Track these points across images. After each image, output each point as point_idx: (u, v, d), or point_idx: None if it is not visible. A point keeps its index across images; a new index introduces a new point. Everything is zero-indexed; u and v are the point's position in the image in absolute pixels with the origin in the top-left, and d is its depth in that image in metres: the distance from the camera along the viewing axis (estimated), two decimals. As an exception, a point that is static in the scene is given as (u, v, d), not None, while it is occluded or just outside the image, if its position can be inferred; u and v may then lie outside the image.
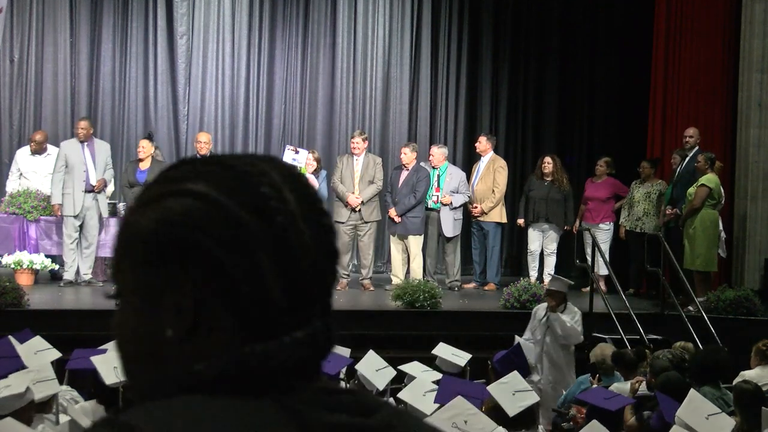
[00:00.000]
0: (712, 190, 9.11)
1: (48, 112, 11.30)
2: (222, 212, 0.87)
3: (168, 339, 0.89)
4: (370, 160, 10.09)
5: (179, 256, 0.88)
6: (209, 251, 0.87)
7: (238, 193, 0.88)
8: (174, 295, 0.88)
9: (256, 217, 0.88)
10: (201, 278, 0.88)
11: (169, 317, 0.89)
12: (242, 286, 0.88)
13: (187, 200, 0.88)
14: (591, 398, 5.39)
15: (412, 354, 6.81)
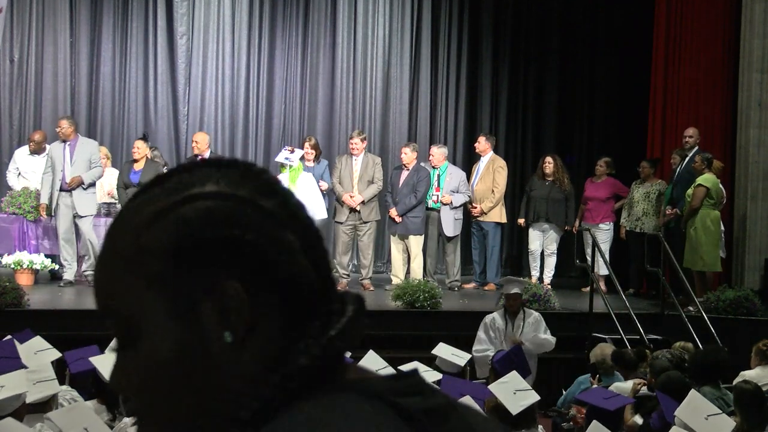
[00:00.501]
0: (710, 190, 9.10)
1: (48, 112, 11.30)
2: (240, 203, 0.87)
3: (222, 347, 0.85)
4: (369, 160, 10.08)
5: (212, 258, 0.85)
6: (243, 241, 0.85)
7: (246, 184, 0.88)
8: (215, 299, 0.85)
9: (273, 200, 0.88)
10: (242, 272, 0.85)
11: (217, 323, 0.85)
12: (282, 268, 0.87)
13: (201, 203, 0.86)
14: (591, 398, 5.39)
15: (412, 354, 6.81)
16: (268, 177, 0.91)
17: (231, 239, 0.85)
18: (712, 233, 9.17)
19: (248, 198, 0.87)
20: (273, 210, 0.88)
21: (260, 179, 0.90)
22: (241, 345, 0.85)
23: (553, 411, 6.75)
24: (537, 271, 10.35)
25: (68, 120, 9.61)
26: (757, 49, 9.97)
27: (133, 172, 9.44)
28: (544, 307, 8.74)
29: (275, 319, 0.86)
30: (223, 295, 0.85)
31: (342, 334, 0.87)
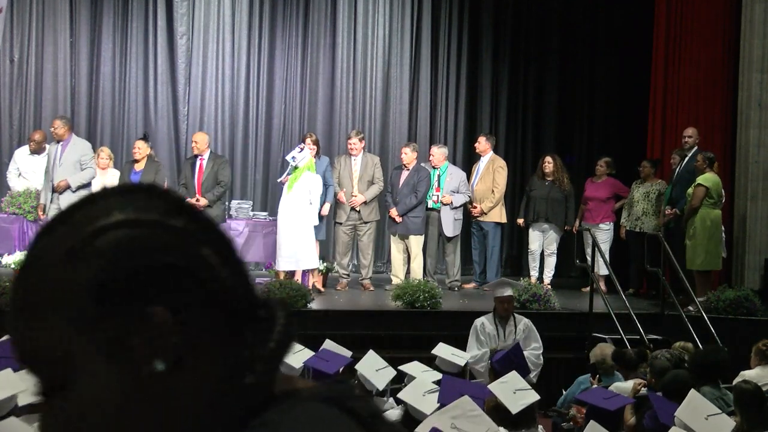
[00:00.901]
0: (710, 190, 9.10)
1: (48, 112, 11.30)
2: (151, 227, 0.84)
3: (161, 378, 0.82)
4: (368, 159, 10.08)
5: (134, 288, 0.82)
6: (161, 265, 0.83)
7: (152, 207, 0.86)
8: (143, 329, 0.82)
9: (182, 218, 0.86)
10: (166, 296, 0.83)
11: (149, 354, 0.82)
12: (205, 285, 0.85)
13: (111, 234, 0.83)
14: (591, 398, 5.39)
15: (412, 354, 6.81)
16: (173, 196, 0.89)
17: (149, 266, 0.83)
18: (712, 233, 9.17)
19: (158, 221, 0.85)
20: (184, 228, 0.86)
21: (165, 200, 0.87)
22: (179, 371, 0.83)
23: (553, 411, 6.75)
24: (537, 271, 10.35)
25: (62, 120, 9.53)
26: (757, 49, 9.97)
27: (134, 173, 9.43)
28: (544, 307, 8.75)
29: (209, 337, 0.85)
30: (150, 324, 0.82)
31: (281, 344, 0.87)
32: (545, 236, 10.40)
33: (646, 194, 10.20)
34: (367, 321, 8.46)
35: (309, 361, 5.63)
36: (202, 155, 9.58)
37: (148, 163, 9.46)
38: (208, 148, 9.70)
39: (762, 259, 9.86)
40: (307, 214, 9.18)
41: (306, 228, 9.16)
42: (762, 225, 9.93)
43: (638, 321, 8.17)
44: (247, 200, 11.02)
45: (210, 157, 9.59)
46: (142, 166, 9.43)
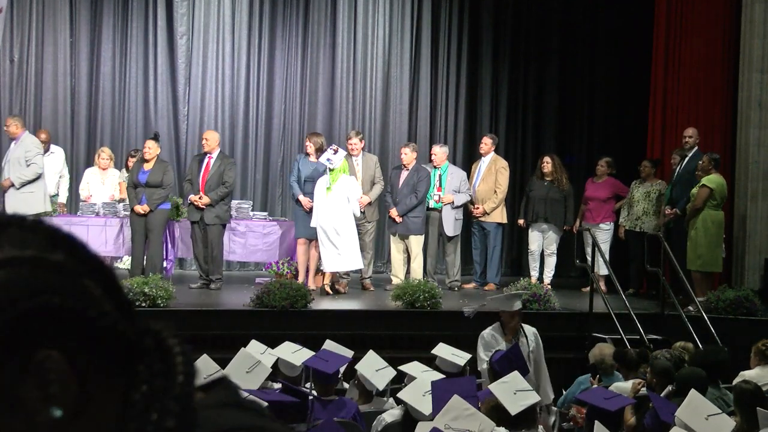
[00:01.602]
0: (713, 191, 9.10)
1: (48, 112, 11.30)
2: (32, 265, 0.78)
3: (55, 425, 0.77)
4: (368, 159, 10.08)
5: (20, 333, 0.76)
6: (47, 306, 0.77)
7: (27, 242, 0.79)
8: (33, 376, 0.76)
9: (59, 252, 0.80)
10: (55, 338, 0.77)
11: (42, 402, 0.76)
12: (94, 322, 0.79)
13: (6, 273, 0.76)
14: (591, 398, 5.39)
15: (412, 354, 6.81)
16: (46, 228, 0.82)
17: (36, 307, 0.76)
18: (713, 234, 9.17)
19: (37, 257, 0.78)
20: (65, 262, 0.79)
21: (40, 233, 0.81)
22: (75, 416, 0.78)
23: (553, 411, 6.74)
24: (537, 271, 10.35)
25: (13, 118, 9.53)
26: (757, 49, 9.97)
27: (142, 172, 9.41)
28: (545, 307, 8.75)
29: (103, 375, 0.80)
30: (41, 369, 0.76)
31: (188, 377, 0.83)
32: (545, 236, 10.40)
33: (647, 194, 10.20)
34: (367, 321, 8.46)
35: (309, 361, 5.63)
36: (210, 153, 9.57)
37: (157, 163, 9.46)
38: (218, 146, 9.68)
39: (762, 259, 9.86)
40: (348, 216, 9.29)
41: (350, 229, 9.27)
42: (762, 225, 9.93)
43: (638, 321, 8.17)
44: (247, 200, 11.02)
45: (218, 156, 9.59)
46: (150, 166, 9.43)
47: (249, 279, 10.28)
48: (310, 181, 9.63)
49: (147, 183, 9.27)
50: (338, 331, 7.60)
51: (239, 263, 11.33)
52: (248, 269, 11.33)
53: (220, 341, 7.55)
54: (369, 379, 5.63)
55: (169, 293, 8.17)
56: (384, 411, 5.29)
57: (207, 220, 9.31)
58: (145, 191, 9.26)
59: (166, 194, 9.36)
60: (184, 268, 10.87)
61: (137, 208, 9.24)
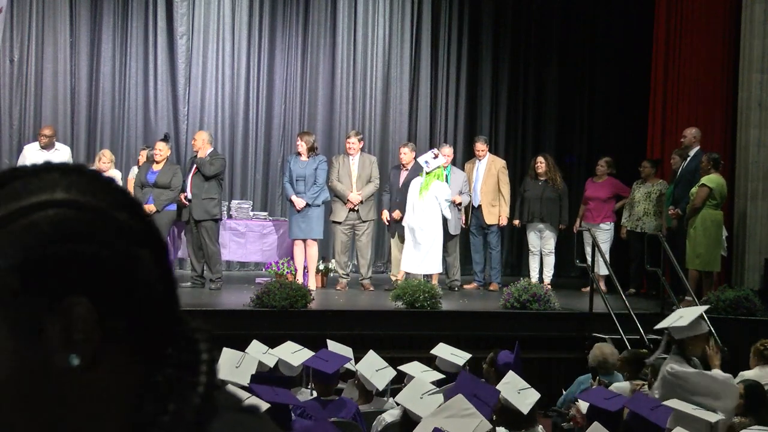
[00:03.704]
0: (713, 190, 9.10)
1: (48, 112, 11.30)
2: (95, 214, 0.79)
3: (67, 370, 0.77)
4: (365, 159, 10.09)
5: (63, 273, 0.77)
6: (97, 257, 0.78)
7: (97, 192, 0.80)
8: (62, 318, 0.77)
9: (125, 212, 0.81)
10: (93, 290, 0.78)
11: (62, 344, 0.77)
12: (136, 288, 0.80)
13: (52, 212, 0.78)
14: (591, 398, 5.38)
15: (412, 354, 6.81)
16: (117, 186, 0.84)
17: (84, 254, 0.77)
18: (712, 233, 9.17)
19: (103, 209, 0.80)
20: (127, 223, 0.81)
21: (111, 188, 0.82)
22: (89, 368, 0.78)
23: (553, 411, 6.75)
24: (537, 271, 10.36)
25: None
26: (757, 49, 9.96)
27: (151, 172, 9.42)
28: (544, 307, 8.75)
29: (128, 344, 0.80)
30: (71, 314, 0.77)
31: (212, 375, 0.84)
32: (542, 236, 10.41)
33: (647, 194, 10.20)
34: (367, 321, 8.46)
35: (309, 361, 5.62)
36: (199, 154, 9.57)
37: (167, 165, 9.48)
38: (209, 146, 9.66)
39: (762, 259, 9.85)
40: (436, 221, 9.50)
41: (436, 234, 9.50)
42: (762, 225, 9.92)
43: (638, 321, 8.16)
44: (247, 200, 11.02)
45: (209, 155, 9.59)
46: (160, 167, 9.44)
47: (249, 279, 10.28)
48: (301, 180, 9.64)
49: (155, 183, 9.31)
50: (338, 331, 7.60)
51: (239, 263, 11.33)
52: (248, 269, 11.33)
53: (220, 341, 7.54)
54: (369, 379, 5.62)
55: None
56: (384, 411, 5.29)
57: (196, 216, 9.33)
58: (153, 191, 9.28)
59: (174, 196, 9.38)
60: (184, 269, 10.86)
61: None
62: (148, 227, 0.84)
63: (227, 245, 10.01)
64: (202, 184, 9.37)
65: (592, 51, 12.65)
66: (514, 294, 8.79)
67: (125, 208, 0.82)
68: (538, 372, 7.59)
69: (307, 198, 9.59)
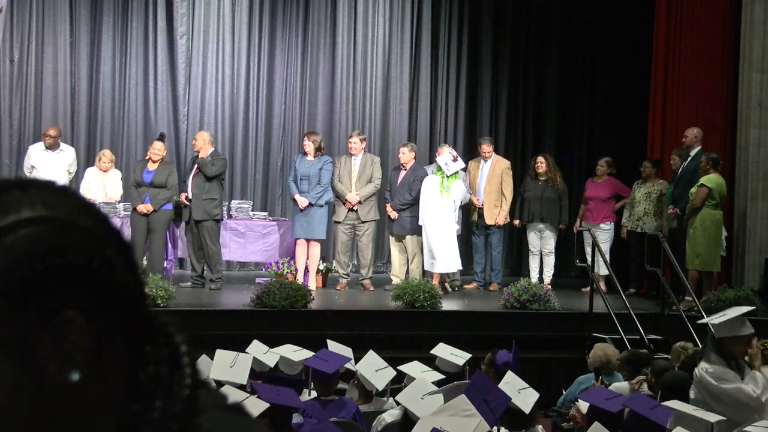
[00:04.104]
0: (712, 190, 9.10)
1: (48, 112, 11.30)
2: (62, 225, 0.79)
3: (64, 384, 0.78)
4: (367, 159, 10.08)
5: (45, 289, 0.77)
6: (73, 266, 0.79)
7: (60, 204, 0.81)
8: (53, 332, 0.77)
9: (89, 218, 0.82)
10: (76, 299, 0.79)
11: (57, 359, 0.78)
12: (114, 289, 0.81)
13: (22, 232, 0.78)
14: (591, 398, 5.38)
15: (412, 354, 6.81)
16: (78, 195, 0.85)
17: (61, 266, 0.78)
18: (712, 233, 9.17)
19: (68, 219, 0.80)
20: (93, 228, 0.82)
21: (71, 197, 0.83)
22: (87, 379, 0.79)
23: (553, 411, 6.75)
24: (536, 271, 10.36)
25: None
26: (757, 49, 9.96)
27: (147, 172, 9.41)
28: (544, 307, 8.75)
29: (113, 346, 0.81)
30: (61, 327, 0.78)
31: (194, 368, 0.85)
32: (542, 236, 10.41)
33: (648, 194, 10.20)
34: (367, 321, 8.46)
35: (309, 361, 5.63)
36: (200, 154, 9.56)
37: (162, 164, 9.48)
38: (210, 146, 9.65)
39: (762, 259, 9.85)
40: (453, 221, 9.74)
41: (451, 233, 9.70)
42: (762, 225, 9.92)
43: (638, 321, 8.17)
44: (247, 200, 11.02)
45: (210, 155, 9.58)
46: (155, 166, 9.44)
47: (249, 279, 10.28)
48: (305, 179, 9.66)
49: (151, 183, 9.30)
50: (338, 331, 7.60)
51: (239, 263, 11.33)
52: (248, 269, 11.33)
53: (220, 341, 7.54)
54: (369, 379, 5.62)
55: (169, 293, 8.18)
56: (384, 411, 5.29)
57: (196, 216, 9.32)
58: (149, 191, 9.28)
59: (170, 195, 9.38)
60: (184, 268, 10.86)
61: (140, 208, 9.26)
62: (110, 227, 0.84)
63: (227, 245, 10.01)
64: (203, 184, 9.37)
65: (592, 51, 12.65)
66: (514, 294, 8.80)
67: (87, 213, 0.83)
68: (538, 372, 7.60)
69: (310, 198, 9.60)
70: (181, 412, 0.82)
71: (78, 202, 0.83)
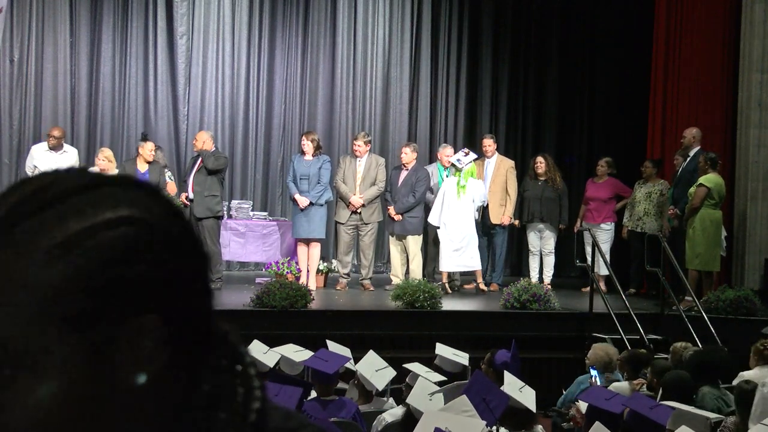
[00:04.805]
0: (711, 190, 9.10)
1: (48, 112, 11.30)
2: (156, 230, 0.79)
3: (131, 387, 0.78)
4: (372, 161, 10.07)
5: (131, 290, 0.77)
6: (162, 272, 0.78)
7: (153, 206, 0.80)
8: (131, 335, 0.77)
9: (178, 224, 0.82)
10: (158, 305, 0.78)
11: (131, 362, 0.78)
12: (193, 300, 0.82)
13: (117, 231, 0.77)
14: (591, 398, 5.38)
15: (412, 354, 6.81)
16: (172, 201, 0.85)
17: (150, 271, 0.78)
18: (711, 233, 9.17)
19: (161, 224, 0.80)
20: (180, 236, 0.81)
21: (164, 201, 0.82)
22: (154, 384, 0.79)
23: (553, 411, 6.75)
24: (536, 271, 10.36)
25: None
26: (757, 49, 9.97)
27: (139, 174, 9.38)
28: (545, 307, 8.75)
29: (180, 354, 0.81)
30: (139, 330, 0.77)
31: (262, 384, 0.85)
32: (541, 236, 10.41)
33: (648, 194, 10.20)
34: (367, 321, 8.46)
35: (309, 361, 5.63)
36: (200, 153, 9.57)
37: (153, 164, 9.48)
38: (211, 146, 9.66)
39: (762, 259, 9.86)
40: (472, 219, 9.79)
41: (473, 232, 9.78)
42: (762, 225, 9.93)
43: (638, 321, 8.17)
44: (247, 200, 11.02)
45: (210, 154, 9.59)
46: (145, 168, 9.43)
47: (249, 279, 10.28)
48: (305, 179, 9.66)
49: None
50: (338, 331, 7.60)
51: (239, 263, 11.33)
52: (248, 269, 11.33)
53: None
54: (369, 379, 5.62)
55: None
56: (384, 411, 5.29)
57: (198, 213, 9.31)
58: None
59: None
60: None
61: None
62: (194, 237, 0.84)
63: (227, 245, 10.01)
64: (205, 180, 9.38)
65: (592, 51, 12.65)
66: (514, 294, 8.80)
67: (176, 219, 0.82)
68: (538, 372, 7.60)
69: (310, 197, 9.60)
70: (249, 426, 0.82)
71: (169, 207, 0.82)
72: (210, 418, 0.82)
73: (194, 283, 0.82)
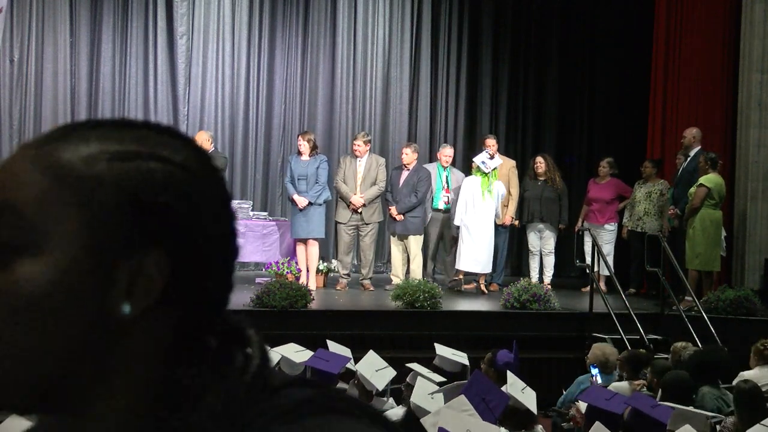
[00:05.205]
0: (711, 190, 9.10)
1: (48, 112, 11.30)
2: (196, 179, 0.82)
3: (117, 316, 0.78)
4: (372, 161, 10.06)
5: (158, 222, 0.79)
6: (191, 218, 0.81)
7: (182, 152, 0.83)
8: (136, 261, 0.78)
9: (217, 182, 0.85)
10: (174, 247, 0.80)
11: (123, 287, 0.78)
12: (215, 249, 0.84)
13: (166, 167, 0.80)
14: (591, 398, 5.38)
15: (412, 354, 6.81)
16: (205, 151, 0.86)
17: (181, 212, 0.80)
18: (711, 233, 9.17)
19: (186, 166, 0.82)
20: (219, 190, 0.85)
21: (202, 152, 0.85)
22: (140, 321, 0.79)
23: (553, 411, 6.75)
24: (536, 271, 10.36)
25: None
26: (757, 49, 9.97)
27: None
28: (545, 307, 8.75)
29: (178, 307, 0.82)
30: (145, 262, 0.79)
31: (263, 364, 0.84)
32: (541, 236, 10.41)
33: (648, 194, 10.19)
34: (367, 321, 8.46)
35: (309, 361, 5.63)
36: None
37: None
38: (210, 147, 9.67)
39: (762, 259, 9.86)
40: (492, 220, 9.88)
41: (492, 234, 9.87)
42: (762, 225, 9.93)
43: (638, 321, 8.17)
44: (246, 200, 11.03)
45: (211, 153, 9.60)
46: None
47: (249, 279, 10.28)
48: (303, 179, 9.66)
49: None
50: (338, 331, 7.60)
51: (239, 263, 11.30)
52: (248, 269, 11.33)
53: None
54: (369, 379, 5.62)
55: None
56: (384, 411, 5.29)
57: None
58: None
59: None
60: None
61: None
62: (229, 193, 0.88)
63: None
64: None
65: (592, 51, 12.65)
66: (514, 294, 8.80)
67: (217, 176, 0.86)
68: (538, 372, 7.59)
69: (309, 197, 9.60)
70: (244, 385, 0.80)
71: (208, 160, 0.85)
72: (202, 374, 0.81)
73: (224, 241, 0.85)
